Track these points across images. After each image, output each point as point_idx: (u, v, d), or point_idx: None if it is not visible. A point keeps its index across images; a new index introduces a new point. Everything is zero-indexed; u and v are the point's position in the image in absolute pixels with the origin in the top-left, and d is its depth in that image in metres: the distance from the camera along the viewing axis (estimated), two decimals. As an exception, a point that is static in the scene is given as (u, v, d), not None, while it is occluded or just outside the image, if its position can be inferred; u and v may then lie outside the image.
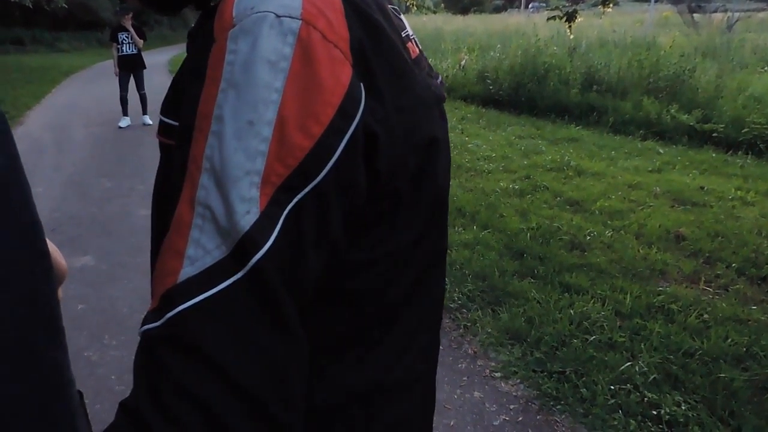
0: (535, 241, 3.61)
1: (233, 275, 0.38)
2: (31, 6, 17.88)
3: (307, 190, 0.40)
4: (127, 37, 7.39)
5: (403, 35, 0.54)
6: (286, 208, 0.40)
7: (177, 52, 21.00)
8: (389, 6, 0.55)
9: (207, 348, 0.38)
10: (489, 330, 2.68)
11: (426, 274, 0.59)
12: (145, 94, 7.72)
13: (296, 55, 0.40)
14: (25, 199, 0.70)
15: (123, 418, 0.39)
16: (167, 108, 0.52)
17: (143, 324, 0.40)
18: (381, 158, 0.45)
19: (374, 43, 0.46)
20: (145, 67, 7.69)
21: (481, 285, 3.07)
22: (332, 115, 0.41)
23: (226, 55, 0.41)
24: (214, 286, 0.38)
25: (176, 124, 0.47)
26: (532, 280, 3.12)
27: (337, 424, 0.54)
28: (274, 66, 0.40)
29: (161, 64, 16.01)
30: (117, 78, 7.56)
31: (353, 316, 0.52)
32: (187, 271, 0.39)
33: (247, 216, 0.39)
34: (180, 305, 0.38)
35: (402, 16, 0.60)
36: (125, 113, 7.64)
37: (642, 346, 2.49)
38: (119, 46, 7.41)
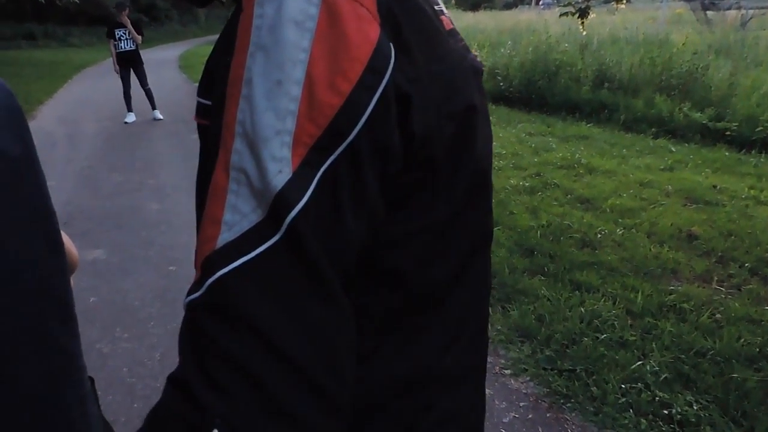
0: (545, 239, 3.60)
1: (271, 238, 0.38)
2: (43, 1, 18.01)
3: (340, 150, 0.40)
4: (125, 33, 7.38)
5: (436, 8, 0.54)
6: (320, 168, 0.39)
7: (187, 47, 21.07)
8: None
9: (248, 313, 0.38)
10: (499, 327, 2.68)
11: (472, 258, 0.57)
12: (149, 89, 7.73)
13: (322, 15, 0.40)
14: (40, 190, 0.70)
15: (171, 391, 0.39)
16: (202, 89, 0.52)
17: (187, 296, 0.40)
18: (415, 121, 0.44)
19: (403, 7, 0.45)
20: (142, 63, 7.67)
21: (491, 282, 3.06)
22: (361, 72, 0.40)
23: (253, 20, 0.41)
24: (253, 250, 0.38)
25: (207, 102, 0.47)
26: (542, 278, 3.11)
27: (385, 414, 0.53)
28: (300, 26, 0.40)
29: (171, 59, 16.07)
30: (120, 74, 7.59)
31: (397, 296, 0.51)
32: (225, 237, 0.39)
33: (279, 176, 0.38)
34: (219, 271, 0.38)
35: None
36: (130, 109, 7.67)
37: (653, 345, 2.47)
38: (117, 43, 7.41)
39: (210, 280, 0.39)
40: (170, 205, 4.38)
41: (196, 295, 0.39)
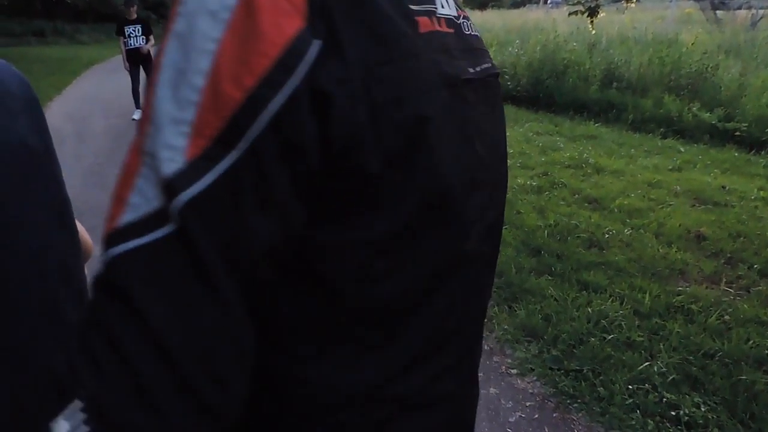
0: (552, 239, 3.58)
1: (163, 227, 0.38)
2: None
3: (243, 146, 0.39)
4: (134, 30, 7.40)
5: (415, 8, 0.51)
6: (219, 162, 0.39)
7: (195, 45, 21.07)
8: None
9: (133, 297, 0.38)
10: (505, 327, 2.67)
11: (438, 282, 0.54)
12: None
13: (239, 6, 0.40)
14: (56, 179, 0.71)
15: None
16: None
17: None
18: (336, 124, 0.42)
19: (345, 4, 0.43)
20: (152, 60, 7.68)
21: (497, 281, 3.05)
22: (268, 67, 0.39)
23: (178, 7, 0.41)
24: (146, 235, 0.38)
25: None
26: (549, 278, 3.10)
27: (325, 425, 0.52)
28: (214, 16, 0.39)
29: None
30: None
31: (336, 307, 0.49)
32: (126, 218, 0.39)
33: (170, 164, 0.38)
34: (114, 249, 0.39)
35: None
36: (138, 106, 7.67)
37: (661, 346, 2.46)
38: (126, 40, 7.43)
39: (106, 257, 0.39)
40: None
41: (97, 271, 0.40)
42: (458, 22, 0.60)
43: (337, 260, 0.47)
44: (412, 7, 0.51)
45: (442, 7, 0.57)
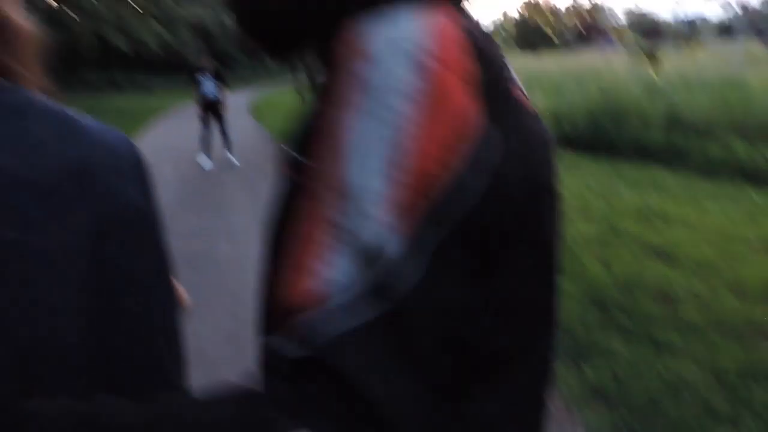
0: (618, 292, 3.46)
1: (379, 306, 0.37)
2: (128, 51, 19.47)
3: (447, 225, 0.39)
4: (207, 79, 7.78)
5: (511, 78, 0.53)
6: (430, 243, 0.39)
7: (258, 94, 21.99)
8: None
9: (353, 378, 0.36)
10: (573, 386, 2.57)
11: (530, 332, 0.54)
12: (228, 135, 8.08)
13: (428, 87, 0.40)
14: (163, 239, 0.75)
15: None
16: (297, 144, 0.54)
17: (273, 344, 0.39)
18: (496, 199, 0.43)
19: (497, 83, 0.45)
20: (224, 108, 8.04)
21: (562, 337, 2.96)
22: (467, 149, 0.40)
23: (357, 81, 0.41)
24: (360, 315, 0.37)
25: (303, 159, 0.49)
26: (617, 334, 2.98)
27: None
28: (407, 96, 0.40)
29: (241, 106, 16.77)
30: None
31: (459, 363, 0.48)
32: (330, 297, 0.38)
33: (381, 243, 0.38)
34: (323, 332, 0.37)
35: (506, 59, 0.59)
36: (207, 153, 7.99)
37: (745, 413, 2.30)
38: (199, 87, 7.83)
39: (312, 340, 0.37)
40: (242, 248, 4.52)
41: (293, 350, 0.38)
42: (521, 87, 0.62)
43: (474, 318, 0.47)
44: (510, 77, 0.52)
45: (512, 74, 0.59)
